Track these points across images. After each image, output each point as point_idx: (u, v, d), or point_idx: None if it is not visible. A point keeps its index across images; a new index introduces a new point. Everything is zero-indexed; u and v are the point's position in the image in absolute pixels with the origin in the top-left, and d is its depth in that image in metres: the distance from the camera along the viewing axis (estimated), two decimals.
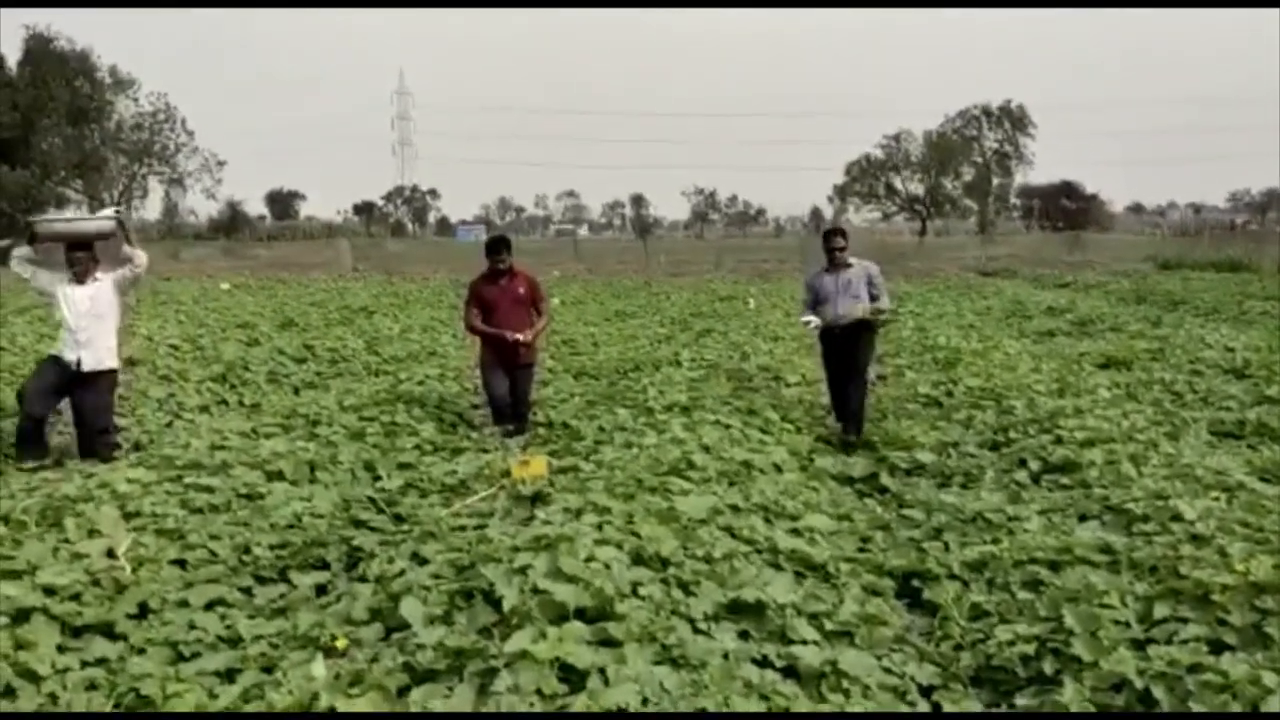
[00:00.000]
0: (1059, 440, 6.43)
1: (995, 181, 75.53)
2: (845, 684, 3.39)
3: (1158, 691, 3.17)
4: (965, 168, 75.00)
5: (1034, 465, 6.15)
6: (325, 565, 4.83)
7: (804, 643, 3.62)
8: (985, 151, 74.96)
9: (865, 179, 77.16)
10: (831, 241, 8.07)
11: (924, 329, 13.97)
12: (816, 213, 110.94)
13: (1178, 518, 4.61)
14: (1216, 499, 4.89)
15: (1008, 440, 6.85)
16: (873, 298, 7.88)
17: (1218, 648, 3.39)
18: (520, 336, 7.78)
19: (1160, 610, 3.68)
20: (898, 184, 76.90)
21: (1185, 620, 3.59)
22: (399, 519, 5.61)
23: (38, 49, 51.22)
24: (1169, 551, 4.16)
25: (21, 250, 7.13)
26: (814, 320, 7.94)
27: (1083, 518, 5.09)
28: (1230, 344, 11.04)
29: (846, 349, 7.85)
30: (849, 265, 7.93)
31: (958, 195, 76.82)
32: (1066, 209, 70.54)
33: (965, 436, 7.24)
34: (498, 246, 8.04)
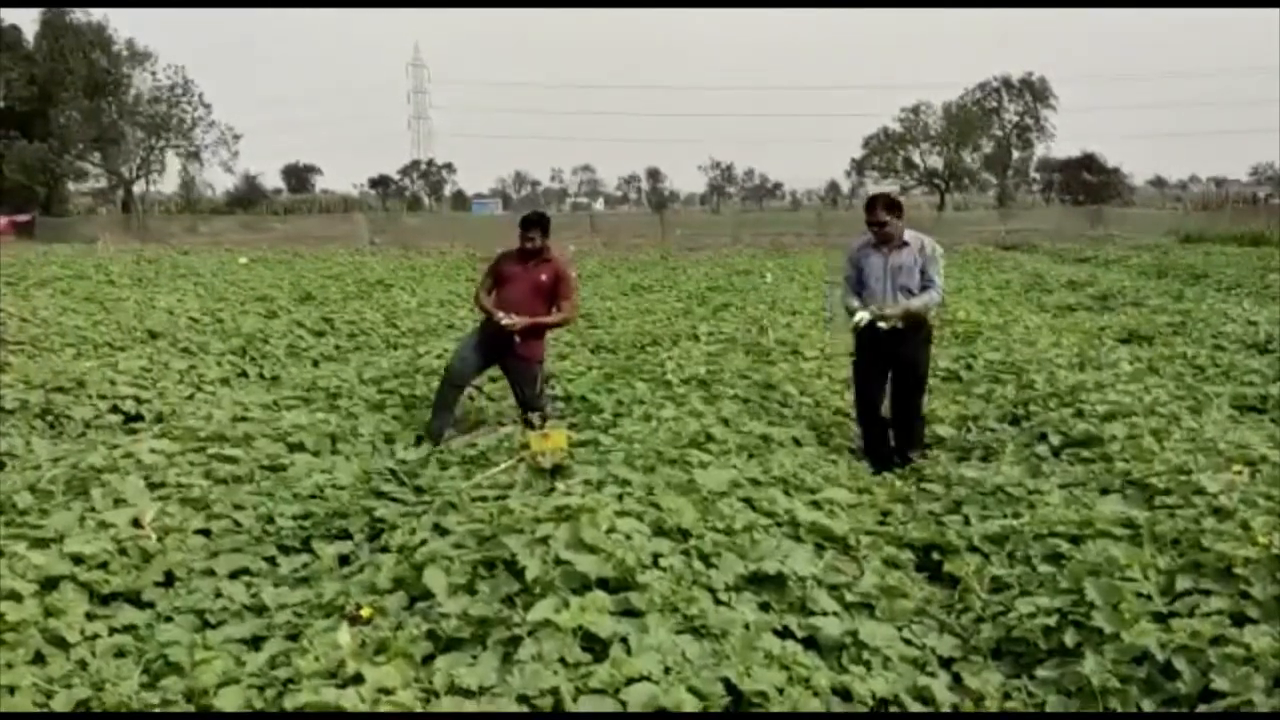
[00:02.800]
0: (1080, 414, 6.40)
1: (1015, 154, 74.84)
2: (866, 655, 3.41)
3: (1179, 664, 3.16)
4: (985, 141, 74.31)
5: (1054, 439, 6.12)
6: (348, 535, 4.87)
7: (824, 614, 3.63)
8: (1005, 124, 74.25)
9: (883, 152, 76.50)
10: (872, 214, 6.30)
11: (944, 303, 13.89)
12: (834, 186, 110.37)
13: (1200, 491, 4.59)
14: (1239, 472, 4.87)
15: (1028, 414, 6.83)
16: (924, 275, 6.39)
17: (1240, 620, 3.37)
18: (508, 321, 6.76)
19: (1182, 583, 3.67)
20: (916, 157, 76.26)
21: (1207, 593, 3.58)
22: (420, 491, 5.65)
23: (55, 22, 51.27)
24: (1191, 525, 4.14)
25: None
26: (864, 315, 6.28)
27: (1104, 491, 5.07)
28: (1253, 318, 10.95)
29: (897, 352, 6.33)
30: (904, 244, 6.34)
31: (977, 169, 76.17)
32: (1087, 182, 69.80)
33: (985, 410, 7.22)
34: (530, 223, 7.08)
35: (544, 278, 6.98)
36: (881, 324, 6.20)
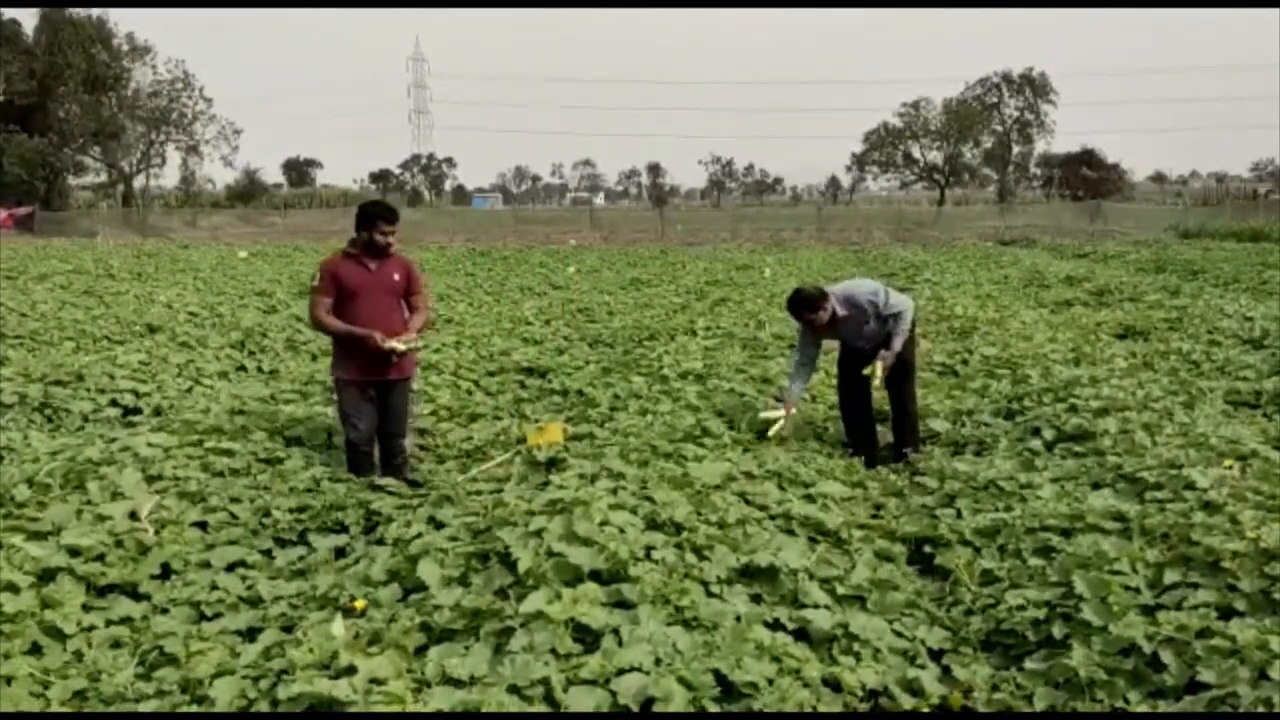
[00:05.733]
0: (1073, 409, 6.42)
1: (1015, 150, 74.80)
2: (856, 647, 3.44)
3: (1166, 656, 3.19)
4: (985, 136, 74.28)
5: (1048, 434, 6.14)
6: (344, 528, 4.89)
7: (816, 606, 3.66)
8: (1005, 119, 74.20)
9: (884, 147, 76.55)
10: (799, 318, 6.29)
11: (941, 298, 13.93)
12: (834, 181, 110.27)
13: (1190, 486, 4.62)
14: (1230, 467, 4.89)
15: (1022, 409, 6.85)
16: (882, 320, 6.26)
17: (1227, 613, 3.40)
18: (396, 344, 5.60)
19: (1170, 576, 3.69)
20: (916, 152, 76.29)
21: (1195, 586, 3.60)
22: (415, 484, 5.68)
23: (54, 17, 51.22)
24: (1180, 519, 4.16)
25: None
26: (772, 416, 6.20)
27: (1095, 485, 5.09)
28: (1249, 314, 10.96)
29: (879, 353, 6.28)
30: (841, 319, 6.23)
31: (977, 164, 76.17)
32: (1087, 178, 69.68)
33: (980, 405, 7.24)
34: (386, 214, 5.76)
35: (396, 277, 5.81)
36: (876, 381, 6.23)
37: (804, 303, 6.20)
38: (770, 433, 6.09)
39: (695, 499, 4.48)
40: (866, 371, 6.24)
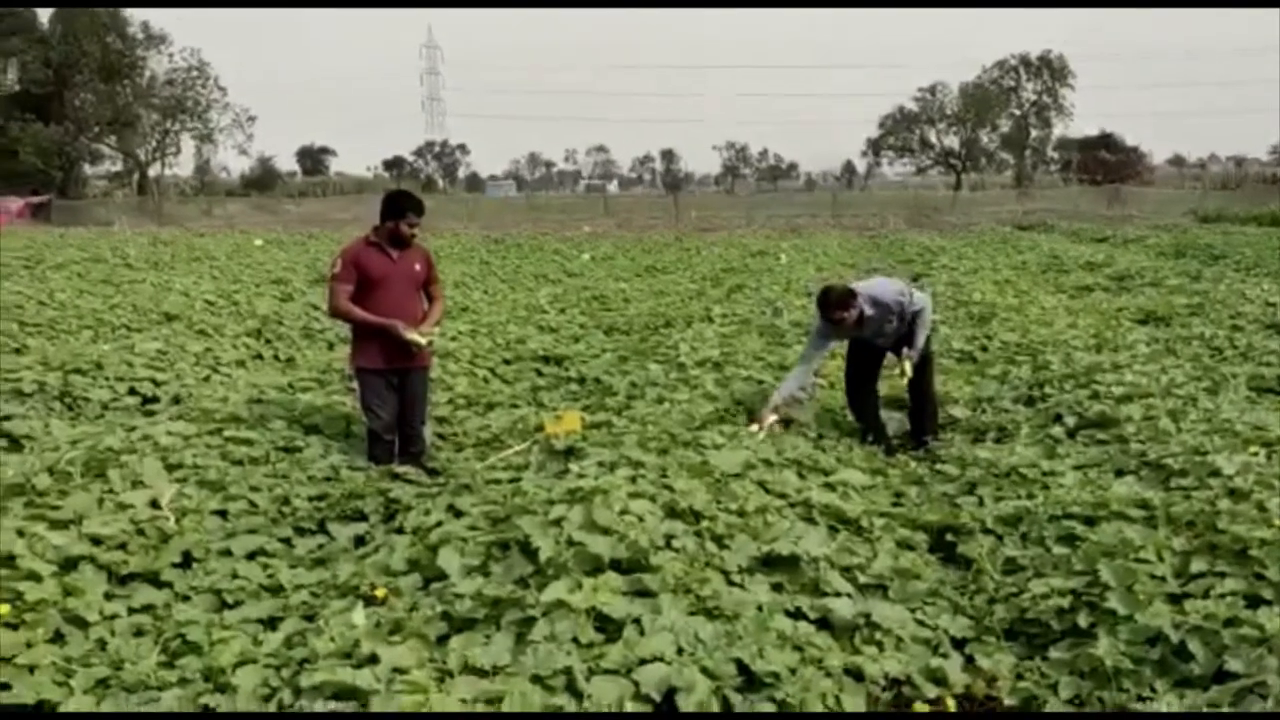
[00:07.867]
0: (1095, 395, 6.37)
1: (1033, 134, 74.20)
2: (878, 636, 3.42)
3: (1193, 645, 3.16)
4: (1002, 120, 73.71)
5: (1070, 420, 6.10)
6: (363, 517, 4.89)
7: (837, 595, 3.64)
8: (1023, 103, 73.60)
9: (899, 132, 76.06)
10: (828, 314, 6.08)
11: (959, 283, 13.85)
12: (849, 166, 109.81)
13: (1216, 473, 4.57)
14: (1255, 454, 4.84)
15: (1043, 395, 6.80)
16: (904, 318, 6.23)
17: (1254, 602, 3.36)
18: (419, 338, 5.65)
19: (1197, 565, 3.66)
20: (933, 137, 75.77)
21: (1222, 574, 3.56)
22: (434, 472, 5.68)
23: (69, 6, 51.38)
24: (1206, 506, 4.12)
25: None
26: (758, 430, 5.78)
27: (1119, 473, 5.06)
28: (1271, 299, 10.83)
29: (894, 347, 6.39)
30: (867, 318, 6.15)
31: (994, 148, 75.62)
32: (1105, 162, 69.03)
33: (1000, 391, 7.20)
34: (417, 207, 5.77)
35: (418, 267, 5.83)
36: (905, 380, 6.32)
37: (835, 302, 6.09)
38: (755, 431, 5.79)
39: (714, 487, 4.46)
40: (898, 370, 6.27)
